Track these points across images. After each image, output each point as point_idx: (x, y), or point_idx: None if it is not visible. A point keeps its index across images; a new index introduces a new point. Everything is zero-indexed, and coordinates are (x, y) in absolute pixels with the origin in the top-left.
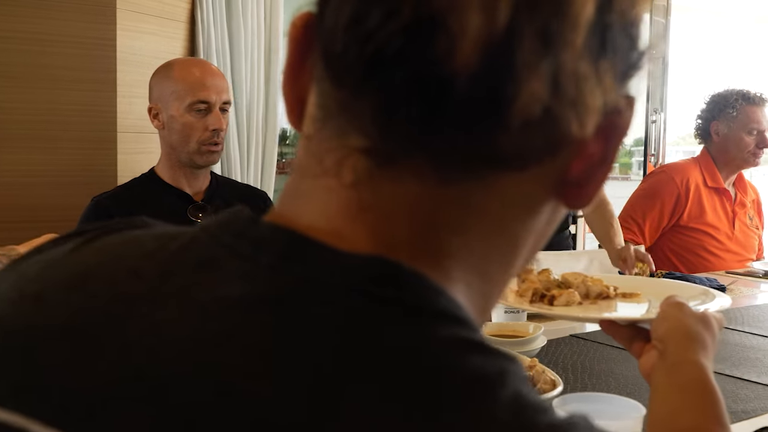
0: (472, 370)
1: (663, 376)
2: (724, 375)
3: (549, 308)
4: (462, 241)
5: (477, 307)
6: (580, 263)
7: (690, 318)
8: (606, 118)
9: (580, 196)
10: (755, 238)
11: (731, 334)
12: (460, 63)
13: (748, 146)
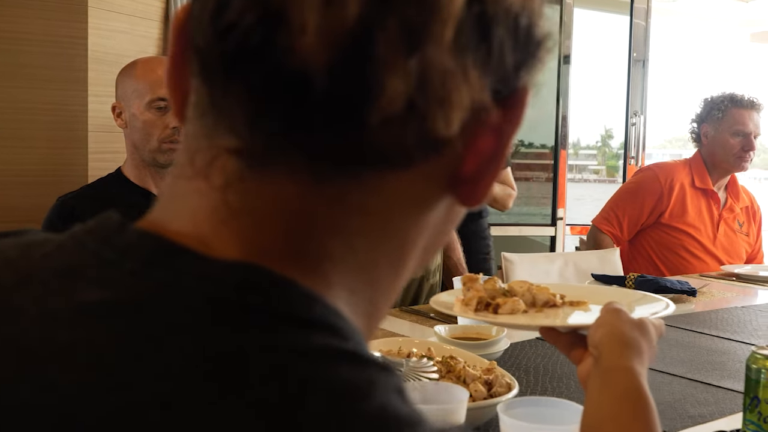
0: (337, 381)
1: (596, 382)
2: (685, 378)
3: (494, 317)
4: (344, 243)
5: (364, 311)
6: (555, 265)
7: (626, 324)
8: (491, 112)
9: (474, 194)
10: (743, 244)
11: (698, 338)
12: (309, 59)
13: (734, 149)
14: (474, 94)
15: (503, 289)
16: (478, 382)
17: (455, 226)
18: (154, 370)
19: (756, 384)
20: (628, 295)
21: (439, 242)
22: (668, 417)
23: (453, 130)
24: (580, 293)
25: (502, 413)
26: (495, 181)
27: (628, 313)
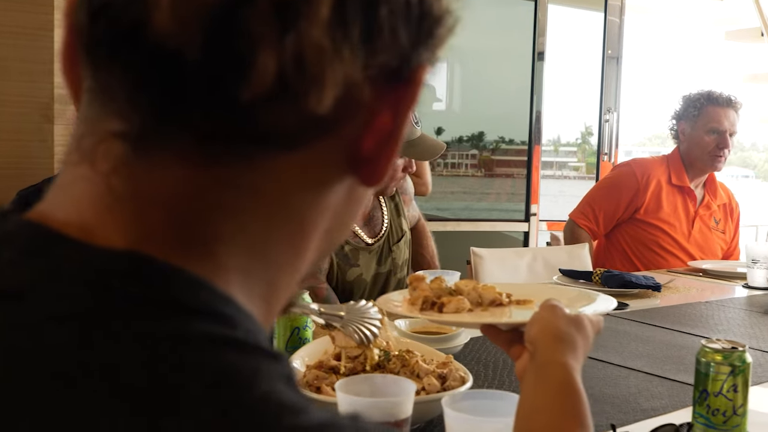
0: (218, 369)
1: (531, 376)
2: (642, 372)
3: (439, 315)
4: (237, 226)
5: (261, 294)
6: (524, 260)
7: (561, 320)
8: (381, 90)
9: (374, 173)
10: (719, 242)
11: (658, 332)
12: (168, 36)
13: (708, 146)
14: (349, 70)
15: (449, 288)
16: (431, 376)
17: (362, 208)
18: (32, 359)
19: (705, 377)
20: (573, 293)
21: (344, 223)
22: (621, 410)
23: (325, 108)
24: (526, 292)
25: (446, 406)
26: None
27: (564, 310)
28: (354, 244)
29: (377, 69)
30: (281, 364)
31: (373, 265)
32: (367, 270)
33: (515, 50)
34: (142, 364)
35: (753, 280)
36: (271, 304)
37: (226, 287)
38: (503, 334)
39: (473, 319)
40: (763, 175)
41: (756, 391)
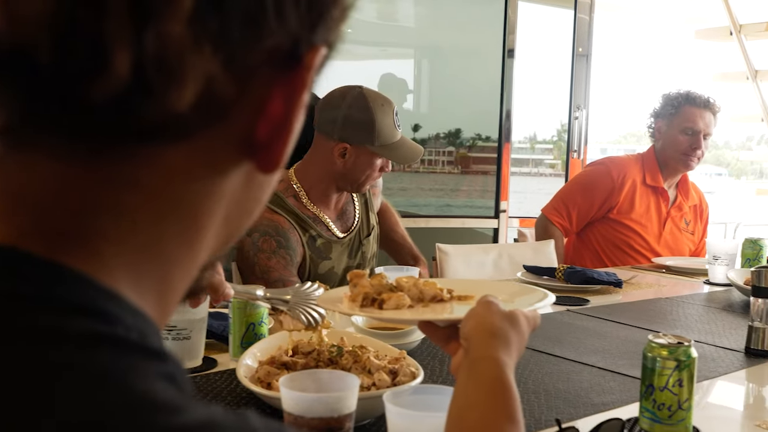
0: (91, 367)
1: (464, 372)
2: (596, 368)
3: (379, 312)
4: (121, 221)
5: (154, 289)
6: (489, 257)
7: (495, 316)
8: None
9: (270, 159)
10: (688, 243)
11: (616, 328)
12: (9, 35)
13: (681, 146)
14: (212, 65)
15: (390, 284)
16: (382, 372)
17: (265, 195)
18: None
19: (651, 372)
20: (515, 289)
21: (247, 210)
22: (572, 405)
23: (185, 104)
24: (468, 288)
25: (388, 402)
26: None
27: (499, 306)
28: (327, 237)
29: (266, 53)
30: (163, 362)
31: (345, 258)
32: (338, 263)
33: (487, 47)
34: (15, 364)
35: (714, 277)
36: (167, 298)
37: (112, 283)
38: (440, 330)
39: (413, 316)
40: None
41: (708, 385)
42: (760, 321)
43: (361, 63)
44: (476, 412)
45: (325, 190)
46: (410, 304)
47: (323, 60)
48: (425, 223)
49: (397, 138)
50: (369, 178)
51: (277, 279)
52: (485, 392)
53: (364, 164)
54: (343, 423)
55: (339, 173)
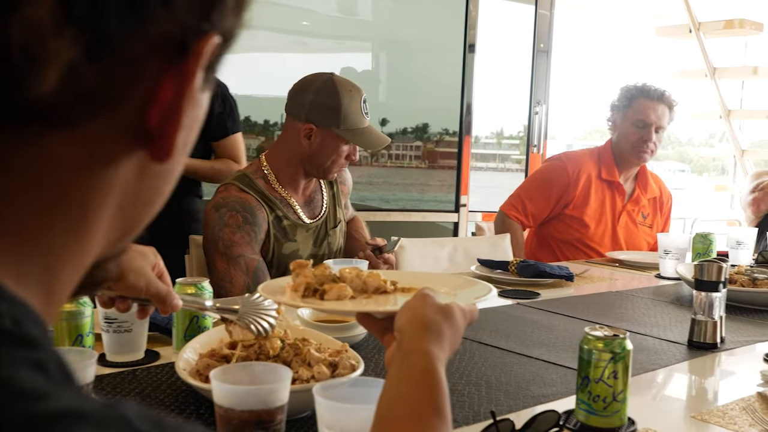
0: None
1: (395, 364)
2: (540, 360)
3: (320, 303)
4: (6, 210)
5: (38, 279)
6: (445, 251)
7: (430, 309)
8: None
9: (162, 148)
10: (645, 237)
11: (564, 321)
12: None
13: (633, 138)
14: (70, 50)
15: (333, 275)
16: (322, 364)
17: (166, 185)
18: None
19: (587, 364)
20: (458, 281)
21: (146, 200)
22: (512, 397)
23: (49, 88)
24: (412, 280)
25: (317, 394)
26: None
27: (435, 299)
28: (293, 220)
29: (152, 41)
30: (34, 350)
31: (310, 244)
32: (303, 247)
33: (450, 42)
34: None
35: (665, 271)
36: (53, 289)
37: None
38: (377, 322)
39: (353, 307)
40: (698, 169)
41: (649, 377)
42: (703, 314)
43: (319, 56)
44: (404, 404)
45: (294, 174)
46: (352, 296)
47: (220, 48)
48: (385, 217)
49: (364, 125)
50: (335, 163)
51: (239, 255)
52: (414, 385)
53: (330, 148)
54: (275, 416)
55: (306, 156)
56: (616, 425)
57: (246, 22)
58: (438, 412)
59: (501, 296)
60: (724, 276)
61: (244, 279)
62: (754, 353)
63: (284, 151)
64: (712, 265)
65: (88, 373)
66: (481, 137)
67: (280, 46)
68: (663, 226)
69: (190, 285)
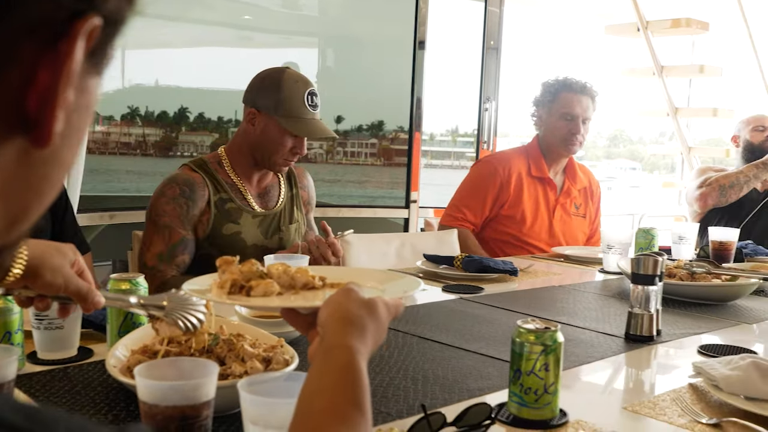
0: None
1: (317, 359)
2: (478, 354)
3: (247, 300)
4: None
5: None
6: (392, 246)
7: (353, 304)
8: (44, 45)
9: (41, 133)
10: (580, 227)
11: (505, 315)
12: None
13: (561, 131)
14: None
15: (260, 271)
16: (255, 360)
17: (55, 173)
18: None
19: (519, 357)
20: (386, 276)
21: (30, 190)
22: (447, 391)
23: None
24: (341, 275)
25: (241, 389)
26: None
27: (359, 293)
28: (240, 205)
29: (27, 22)
30: None
31: (259, 233)
32: (247, 233)
33: (402, 39)
34: None
35: (608, 265)
36: None
37: None
38: (302, 318)
39: (280, 303)
40: (648, 167)
41: (585, 370)
42: (639, 307)
43: (266, 51)
44: (323, 398)
45: (246, 163)
46: (280, 292)
47: (106, 31)
48: (336, 213)
49: (305, 115)
50: (279, 154)
51: (166, 225)
52: (335, 379)
53: (272, 135)
54: (200, 411)
55: (253, 143)
56: (548, 417)
57: (139, 6)
58: (357, 406)
59: (444, 291)
60: (659, 270)
61: (161, 248)
62: (689, 346)
63: (237, 138)
64: (648, 259)
65: (9, 370)
66: (436, 135)
67: (227, 40)
68: (595, 214)
69: (124, 281)
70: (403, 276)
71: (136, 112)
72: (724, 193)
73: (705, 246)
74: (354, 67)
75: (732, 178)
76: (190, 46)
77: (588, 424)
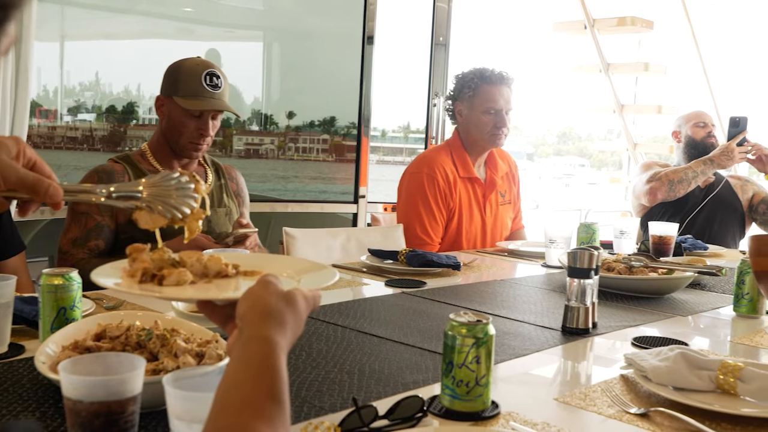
0: None
1: (236, 351)
2: (416, 347)
3: (159, 289)
4: None
5: None
6: (337, 241)
7: (272, 296)
8: None
9: None
10: (508, 213)
11: (450, 309)
12: None
13: (486, 126)
14: None
15: (172, 259)
16: (188, 355)
17: None
18: None
19: (451, 350)
20: (303, 265)
21: None
22: (383, 384)
23: None
24: (255, 263)
25: (166, 384)
26: None
27: (277, 285)
28: None
29: None
30: None
31: None
32: None
33: (351, 34)
34: None
35: (550, 259)
36: None
37: None
38: (219, 309)
39: (195, 293)
40: (597, 164)
41: (521, 362)
42: (576, 300)
43: (209, 44)
44: (241, 391)
45: (164, 152)
46: (193, 280)
47: None
48: (284, 208)
49: (203, 94)
50: (186, 137)
51: (83, 212)
52: (252, 372)
53: (175, 118)
54: (125, 407)
55: (164, 130)
56: (479, 409)
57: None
58: (275, 399)
59: (387, 286)
60: (595, 263)
61: (77, 233)
62: (624, 338)
63: (156, 131)
64: (584, 252)
65: None
66: (387, 131)
67: (169, 33)
68: (517, 195)
69: (57, 276)
70: (320, 265)
71: (83, 106)
72: (672, 188)
73: (646, 240)
74: (303, 62)
75: (681, 174)
76: (132, 38)
77: (519, 415)
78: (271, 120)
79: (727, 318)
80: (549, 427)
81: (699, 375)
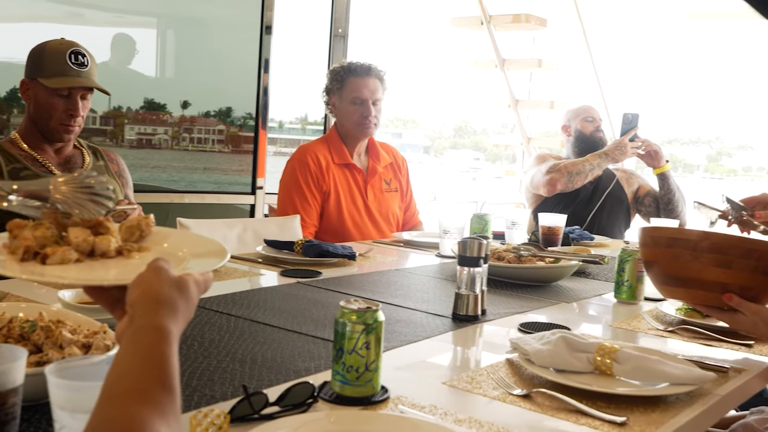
0: None
1: (126, 339)
2: (309, 335)
3: (42, 268)
4: None
5: None
6: (234, 231)
7: (164, 283)
8: None
9: None
10: (395, 201)
11: (341, 298)
12: None
13: (354, 116)
14: None
15: (56, 236)
16: (74, 346)
17: None
18: None
19: (341, 336)
20: (192, 243)
21: None
22: (275, 372)
23: None
24: (150, 239)
25: (48, 373)
26: None
27: (169, 272)
28: (37, 171)
29: None
30: None
31: None
32: None
33: (248, 23)
34: None
35: (444, 250)
36: None
37: None
38: (107, 292)
39: (80, 272)
40: (491, 157)
41: (412, 348)
42: (465, 288)
43: (98, 29)
44: (130, 379)
45: (37, 139)
46: (78, 259)
47: None
48: (180, 199)
49: (69, 73)
50: (55, 119)
51: None
52: (142, 360)
53: (42, 100)
54: (6, 399)
55: (32, 115)
56: (369, 394)
57: None
58: (166, 387)
59: (283, 275)
60: (484, 252)
61: None
62: (512, 324)
63: (25, 117)
64: (474, 242)
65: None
66: (285, 122)
67: (56, 16)
68: (406, 187)
69: None
70: (211, 241)
71: None
72: (571, 179)
73: (536, 231)
74: (199, 50)
75: (579, 166)
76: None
77: (408, 399)
78: (165, 109)
79: (608, 304)
80: (436, 410)
81: (578, 357)
